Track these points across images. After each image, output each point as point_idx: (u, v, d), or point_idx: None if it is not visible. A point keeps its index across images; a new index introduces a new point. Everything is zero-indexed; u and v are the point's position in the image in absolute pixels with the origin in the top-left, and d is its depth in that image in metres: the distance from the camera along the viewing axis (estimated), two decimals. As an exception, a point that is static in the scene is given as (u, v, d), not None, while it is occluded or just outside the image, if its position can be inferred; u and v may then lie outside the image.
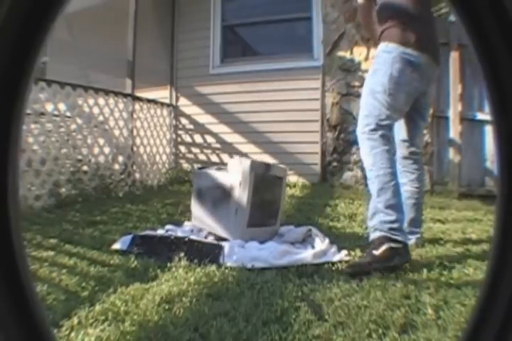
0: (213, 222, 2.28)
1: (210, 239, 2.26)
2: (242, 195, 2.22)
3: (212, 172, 2.41)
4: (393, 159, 2.03)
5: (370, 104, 2.04)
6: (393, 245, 1.82)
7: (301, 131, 4.89)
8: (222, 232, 2.25)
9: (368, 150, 2.00)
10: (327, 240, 2.23)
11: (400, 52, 1.99)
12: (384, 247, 1.82)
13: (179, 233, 2.36)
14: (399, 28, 2.03)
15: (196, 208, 2.40)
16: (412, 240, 2.22)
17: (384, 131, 2.00)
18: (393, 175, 1.96)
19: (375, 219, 1.91)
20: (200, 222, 2.34)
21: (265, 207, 2.42)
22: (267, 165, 2.43)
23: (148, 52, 5.45)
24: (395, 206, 1.91)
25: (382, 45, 2.05)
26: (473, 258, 2.03)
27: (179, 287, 1.62)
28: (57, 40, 5.55)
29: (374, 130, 2.00)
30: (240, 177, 2.22)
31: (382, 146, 1.97)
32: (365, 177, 2.09)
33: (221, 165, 2.60)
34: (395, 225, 1.88)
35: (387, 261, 1.81)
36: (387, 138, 2.02)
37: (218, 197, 2.30)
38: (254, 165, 2.26)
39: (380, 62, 2.03)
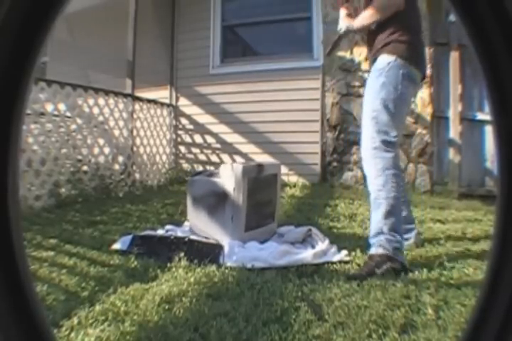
0: (211, 229, 2.26)
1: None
2: (237, 201, 2.20)
3: (205, 179, 2.38)
4: (401, 183, 2.04)
5: (382, 120, 2.04)
6: (394, 266, 1.84)
7: (301, 131, 4.89)
8: (220, 239, 2.24)
9: (380, 170, 1.99)
10: (327, 240, 2.23)
11: (407, 70, 2.06)
12: (386, 267, 1.83)
13: (179, 233, 2.36)
14: (407, 44, 2.09)
15: (193, 216, 2.37)
16: (411, 239, 2.24)
17: (396, 151, 2.05)
18: (400, 199, 2.00)
19: (379, 237, 1.93)
20: (198, 229, 2.32)
21: (261, 208, 2.41)
22: (259, 167, 2.40)
23: (148, 52, 5.45)
24: (399, 228, 1.96)
25: (391, 58, 2.07)
26: (473, 258, 2.03)
27: (179, 287, 1.62)
28: (57, 40, 5.55)
29: (387, 146, 2.01)
30: (234, 184, 2.20)
31: (394, 169, 2.00)
32: (365, 178, 2.10)
33: (214, 170, 2.57)
34: (399, 245, 1.92)
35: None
36: (399, 159, 2.06)
37: (213, 205, 2.27)
38: (247, 170, 2.24)
39: (389, 76, 2.05)
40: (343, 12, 2.33)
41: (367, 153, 2.06)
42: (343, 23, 2.29)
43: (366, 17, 2.17)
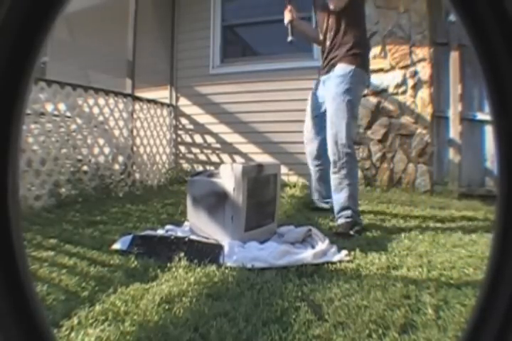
0: (211, 229, 2.26)
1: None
2: (236, 201, 2.20)
3: (205, 179, 2.37)
4: (357, 170, 2.71)
5: (350, 120, 2.60)
6: (359, 228, 2.59)
7: (301, 131, 4.86)
8: (220, 239, 2.23)
9: (345, 163, 2.58)
10: (327, 240, 2.23)
11: (363, 78, 2.67)
12: (356, 228, 2.55)
13: (179, 233, 2.36)
14: (362, 56, 2.66)
15: (193, 216, 2.37)
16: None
17: (353, 146, 2.72)
18: (356, 184, 2.70)
19: (346, 211, 2.59)
20: (198, 229, 2.32)
21: (261, 208, 2.41)
22: (259, 167, 2.40)
23: (148, 52, 5.45)
24: (357, 203, 2.70)
25: (351, 67, 2.59)
26: (473, 258, 2.03)
27: (179, 287, 1.62)
28: (57, 40, 5.56)
29: (351, 145, 2.62)
30: (233, 184, 2.20)
31: (354, 161, 2.68)
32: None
33: (213, 170, 2.60)
34: (358, 215, 2.70)
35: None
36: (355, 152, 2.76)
37: (213, 205, 2.27)
38: (247, 170, 2.23)
39: (352, 83, 2.58)
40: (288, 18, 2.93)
41: (333, 149, 2.60)
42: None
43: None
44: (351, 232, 2.50)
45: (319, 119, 2.87)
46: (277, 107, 4.93)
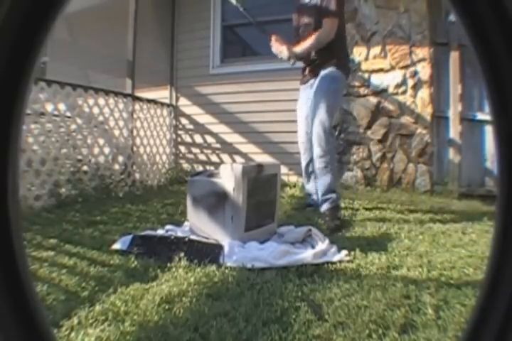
0: (211, 229, 2.26)
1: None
2: (236, 201, 2.20)
3: (205, 179, 2.37)
4: (336, 156, 3.23)
5: (333, 113, 2.98)
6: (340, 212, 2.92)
7: (301, 131, 4.88)
8: (220, 239, 2.23)
9: (328, 148, 2.85)
10: (327, 240, 2.23)
11: (345, 80, 3.17)
12: (340, 213, 2.89)
13: (179, 233, 2.36)
14: (345, 65, 3.10)
15: (193, 216, 2.37)
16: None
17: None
18: (335, 168, 3.06)
19: (331, 195, 2.86)
20: (198, 229, 2.32)
21: (261, 208, 2.41)
22: (259, 167, 2.40)
23: (148, 52, 5.45)
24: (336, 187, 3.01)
25: (338, 71, 2.97)
26: (473, 258, 2.03)
27: (179, 287, 1.62)
28: (57, 40, 5.56)
29: (332, 131, 3.01)
30: (233, 184, 2.20)
31: (335, 148, 3.09)
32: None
33: (213, 170, 2.61)
34: (339, 199, 3.01)
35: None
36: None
37: (213, 205, 2.27)
38: (246, 170, 2.24)
39: (339, 84, 3.03)
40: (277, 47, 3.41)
41: (320, 134, 2.85)
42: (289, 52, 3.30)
43: (312, 44, 2.99)
44: (339, 216, 2.81)
45: None
46: (277, 107, 4.92)
